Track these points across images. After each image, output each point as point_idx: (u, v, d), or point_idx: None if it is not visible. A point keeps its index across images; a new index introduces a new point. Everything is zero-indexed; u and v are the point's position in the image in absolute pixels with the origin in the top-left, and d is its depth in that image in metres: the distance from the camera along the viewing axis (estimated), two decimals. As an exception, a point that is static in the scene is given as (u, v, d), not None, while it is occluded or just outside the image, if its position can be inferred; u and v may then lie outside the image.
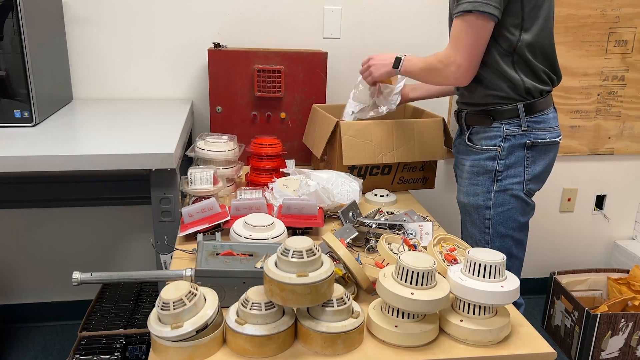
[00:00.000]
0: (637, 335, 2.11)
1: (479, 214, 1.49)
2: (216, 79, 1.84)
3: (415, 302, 0.87)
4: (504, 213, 1.47)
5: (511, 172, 1.44)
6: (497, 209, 1.47)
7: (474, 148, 1.49)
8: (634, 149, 2.47)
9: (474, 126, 1.49)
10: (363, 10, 2.10)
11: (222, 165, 1.53)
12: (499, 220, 1.47)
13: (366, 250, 1.24)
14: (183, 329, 0.83)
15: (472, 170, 1.49)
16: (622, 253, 2.58)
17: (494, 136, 1.44)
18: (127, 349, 1.78)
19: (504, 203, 1.46)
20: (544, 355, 0.91)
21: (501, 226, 1.48)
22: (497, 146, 1.44)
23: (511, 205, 1.46)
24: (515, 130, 1.42)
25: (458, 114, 1.56)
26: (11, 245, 2.16)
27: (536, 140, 1.43)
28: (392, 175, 1.70)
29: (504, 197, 1.46)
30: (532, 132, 1.42)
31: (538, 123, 1.43)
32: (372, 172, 1.67)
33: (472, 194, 1.50)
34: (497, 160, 1.44)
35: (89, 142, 1.45)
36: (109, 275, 0.96)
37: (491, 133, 1.45)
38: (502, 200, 1.46)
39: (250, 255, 1.03)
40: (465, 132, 1.53)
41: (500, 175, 1.45)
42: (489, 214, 1.48)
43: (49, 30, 1.75)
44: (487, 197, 1.47)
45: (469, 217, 1.53)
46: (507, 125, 1.43)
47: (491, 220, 1.48)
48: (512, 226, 1.48)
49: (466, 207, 1.53)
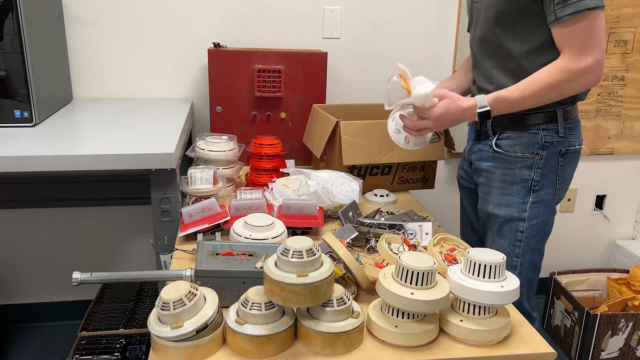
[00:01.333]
0: (637, 335, 2.11)
1: (511, 226, 1.39)
2: (216, 79, 1.84)
3: (415, 302, 0.87)
4: (538, 225, 1.39)
5: (547, 182, 1.36)
6: (531, 221, 1.38)
7: (506, 155, 1.38)
8: (634, 149, 2.47)
9: (504, 131, 1.38)
10: (363, 10, 2.10)
11: (222, 165, 1.53)
12: (532, 233, 1.39)
13: (366, 250, 1.24)
14: (183, 329, 0.83)
15: (504, 179, 1.39)
16: (622, 253, 2.58)
17: (530, 143, 1.34)
18: (127, 349, 1.78)
19: (539, 215, 1.38)
20: (544, 355, 0.91)
21: (533, 239, 1.40)
22: (535, 154, 1.34)
23: (545, 217, 1.39)
24: (554, 136, 1.34)
25: None
26: (11, 245, 2.16)
27: (569, 148, 1.36)
28: (392, 175, 1.70)
29: (539, 209, 1.37)
30: (567, 139, 1.35)
31: (571, 129, 1.35)
32: (372, 172, 1.67)
33: (505, 205, 1.39)
34: (535, 169, 1.35)
35: (89, 142, 1.45)
36: (109, 275, 0.96)
37: (527, 139, 1.34)
38: (538, 211, 1.37)
39: (250, 255, 1.03)
40: (490, 137, 1.41)
41: (537, 185, 1.36)
42: (522, 226, 1.38)
43: (49, 30, 1.75)
44: (522, 209, 1.37)
45: (497, 228, 1.42)
46: (545, 131, 1.33)
47: (524, 232, 1.39)
48: (542, 238, 1.42)
49: (496, 219, 1.42)
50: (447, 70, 2.21)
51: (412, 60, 2.18)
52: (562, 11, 1.19)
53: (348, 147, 1.58)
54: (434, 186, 1.78)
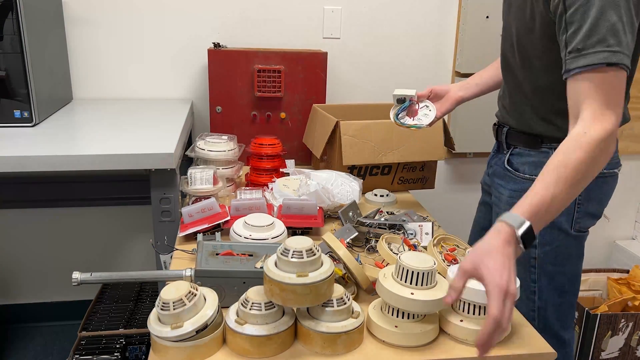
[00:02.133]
0: (637, 335, 2.11)
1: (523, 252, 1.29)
2: (216, 79, 1.84)
3: (415, 302, 0.87)
4: (553, 251, 1.26)
5: None
6: (544, 248, 1.26)
7: (515, 175, 1.28)
8: (634, 149, 2.47)
9: (517, 146, 1.28)
10: (363, 10, 2.10)
11: (222, 165, 1.53)
12: (547, 260, 1.27)
13: (366, 250, 1.24)
14: (183, 329, 0.83)
15: (511, 202, 1.19)
16: (622, 253, 2.58)
17: (540, 163, 1.16)
18: (127, 349, 1.78)
19: (552, 241, 1.25)
20: (544, 355, 0.91)
21: (549, 265, 1.28)
22: None
23: (560, 242, 1.25)
24: None
25: (498, 129, 1.35)
26: (11, 245, 2.16)
27: None
28: (392, 175, 1.70)
29: (551, 235, 1.24)
30: None
31: None
32: (372, 172, 1.67)
33: None
34: None
35: (89, 142, 1.45)
36: (109, 275, 0.96)
37: (536, 158, 1.23)
38: (551, 238, 1.25)
39: (250, 255, 1.03)
40: (505, 151, 1.31)
41: None
42: (535, 253, 1.27)
43: (49, 30, 1.75)
44: None
45: None
46: None
47: (537, 259, 1.28)
48: (562, 262, 1.28)
49: None
50: (447, 70, 2.21)
51: (412, 61, 2.18)
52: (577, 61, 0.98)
53: (348, 147, 1.58)
54: (434, 186, 1.78)
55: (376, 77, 2.17)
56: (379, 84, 2.18)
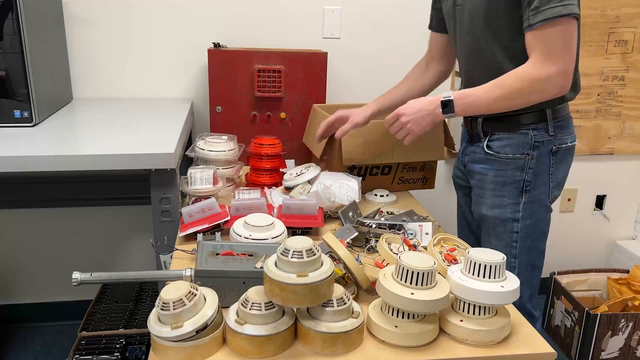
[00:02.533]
0: (637, 335, 2.11)
1: (506, 227, 1.39)
2: (216, 79, 1.84)
3: (415, 302, 0.87)
4: (532, 225, 1.38)
5: (539, 181, 1.36)
6: (525, 222, 1.37)
7: (497, 157, 1.38)
8: (634, 149, 2.47)
9: (495, 133, 1.38)
10: (363, 10, 2.10)
11: (222, 165, 1.53)
12: (527, 233, 1.38)
13: (366, 250, 1.24)
14: (183, 329, 0.82)
15: (496, 180, 1.38)
16: (622, 253, 2.58)
17: (521, 144, 1.34)
18: (127, 349, 1.78)
19: (533, 214, 1.37)
20: (544, 355, 0.91)
21: (528, 238, 1.39)
22: (526, 154, 1.34)
23: (540, 216, 1.39)
24: (544, 136, 1.33)
25: (471, 121, 1.44)
26: (11, 245, 2.16)
27: (560, 146, 1.35)
28: (392, 175, 1.70)
29: (532, 208, 1.37)
30: (558, 137, 1.34)
31: (562, 128, 1.35)
32: (372, 172, 1.67)
33: (498, 206, 1.39)
34: (526, 169, 1.34)
35: (89, 142, 1.45)
36: (109, 275, 0.96)
37: (517, 140, 1.34)
38: (531, 211, 1.37)
39: (250, 255, 1.03)
40: (482, 139, 1.41)
41: (529, 185, 1.35)
42: (517, 227, 1.38)
43: (49, 30, 1.75)
44: (515, 209, 1.37)
45: (492, 230, 1.42)
46: (535, 131, 1.33)
47: (519, 233, 1.38)
48: (539, 237, 1.41)
49: (490, 220, 1.41)
50: (447, 70, 2.21)
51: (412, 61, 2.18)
52: (534, 18, 1.18)
53: (348, 147, 1.58)
54: (434, 186, 1.78)
55: (376, 77, 2.17)
56: (379, 84, 2.17)
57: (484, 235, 1.46)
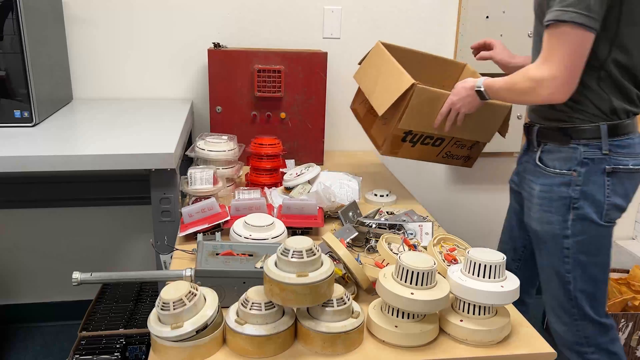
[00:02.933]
0: (637, 335, 2.11)
1: (556, 242, 1.35)
2: (216, 79, 1.84)
3: (415, 302, 0.87)
4: (585, 242, 1.32)
5: (589, 199, 1.29)
6: (576, 238, 1.32)
7: (545, 170, 1.35)
8: (634, 149, 2.47)
9: (547, 143, 1.35)
10: (363, 10, 2.10)
11: (222, 165, 1.53)
12: (580, 249, 1.33)
13: (366, 250, 1.24)
14: (183, 329, 0.83)
15: (542, 195, 1.35)
16: (622, 253, 2.58)
17: (569, 158, 1.30)
18: (127, 349, 1.78)
19: (584, 232, 1.31)
20: (544, 355, 0.91)
21: (582, 255, 1.33)
22: (573, 170, 1.29)
23: (592, 234, 1.31)
24: (595, 153, 1.27)
25: (528, 128, 1.42)
26: (11, 245, 2.16)
27: (617, 166, 1.28)
28: (441, 148, 1.63)
29: (582, 226, 1.31)
30: (614, 157, 1.27)
31: (621, 147, 1.28)
32: (425, 141, 1.60)
33: (546, 222, 1.35)
34: (572, 186, 1.30)
35: (89, 142, 1.45)
36: (109, 275, 0.96)
37: (566, 154, 1.31)
38: (582, 228, 1.31)
39: (250, 255, 1.03)
40: (535, 148, 1.39)
41: (576, 202, 1.30)
42: (567, 243, 1.33)
43: (49, 30, 1.75)
44: (564, 226, 1.32)
45: (543, 245, 1.39)
46: (585, 147, 1.28)
47: (570, 249, 1.33)
48: (595, 253, 1.34)
49: (539, 235, 1.38)
50: (447, 70, 2.21)
51: (412, 60, 2.18)
52: (546, 16, 1.20)
53: (413, 112, 1.49)
54: (472, 166, 1.76)
55: (376, 77, 2.17)
56: (379, 84, 2.17)
57: (536, 248, 1.44)
